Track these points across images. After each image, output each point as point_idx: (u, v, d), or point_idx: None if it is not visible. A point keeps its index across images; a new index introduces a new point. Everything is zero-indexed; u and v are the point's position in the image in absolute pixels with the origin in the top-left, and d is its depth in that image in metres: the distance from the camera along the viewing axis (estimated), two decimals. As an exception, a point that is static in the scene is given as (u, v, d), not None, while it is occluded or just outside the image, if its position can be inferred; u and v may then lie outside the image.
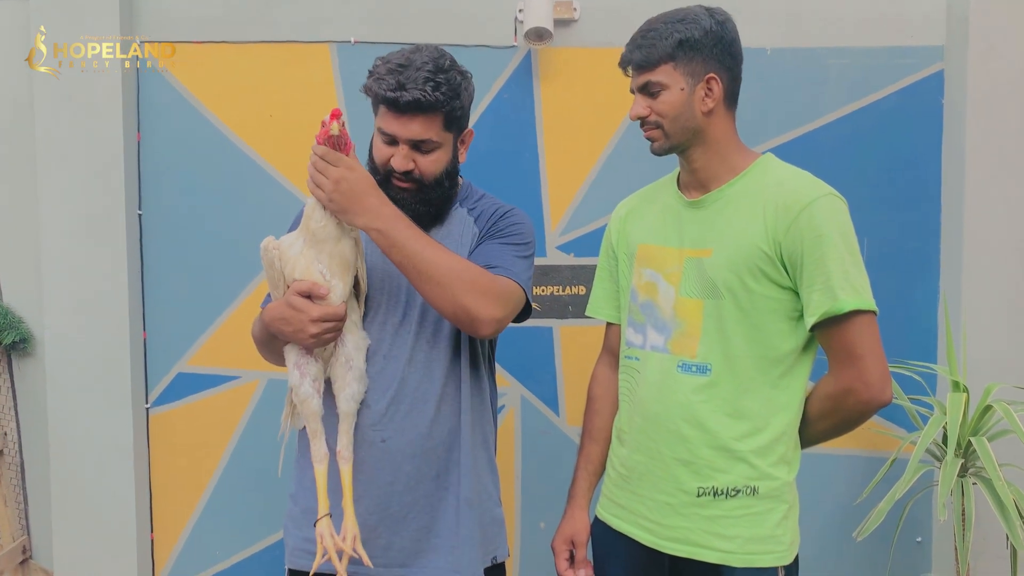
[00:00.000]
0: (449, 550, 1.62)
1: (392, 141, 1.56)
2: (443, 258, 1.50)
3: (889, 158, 2.65)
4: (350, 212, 1.47)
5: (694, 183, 1.61)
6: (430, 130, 1.55)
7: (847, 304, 1.43)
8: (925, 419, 2.38)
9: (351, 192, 1.46)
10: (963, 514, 2.27)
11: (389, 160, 1.57)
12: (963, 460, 2.31)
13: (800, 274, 1.47)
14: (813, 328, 1.48)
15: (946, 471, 2.19)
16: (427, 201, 1.60)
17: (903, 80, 2.64)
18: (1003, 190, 2.57)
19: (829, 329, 1.47)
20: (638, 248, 1.67)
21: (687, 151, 1.58)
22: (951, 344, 2.44)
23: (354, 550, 1.51)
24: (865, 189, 2.63)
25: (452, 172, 1.64)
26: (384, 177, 1.59)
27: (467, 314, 1.50)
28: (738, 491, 1.51)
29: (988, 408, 2.32)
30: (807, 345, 1.54)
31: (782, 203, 1.48)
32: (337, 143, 1.47)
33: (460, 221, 1.68)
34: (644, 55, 1.53)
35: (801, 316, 1.51)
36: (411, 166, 1.57)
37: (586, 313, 1.84)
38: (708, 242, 1.55)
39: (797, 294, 1.50)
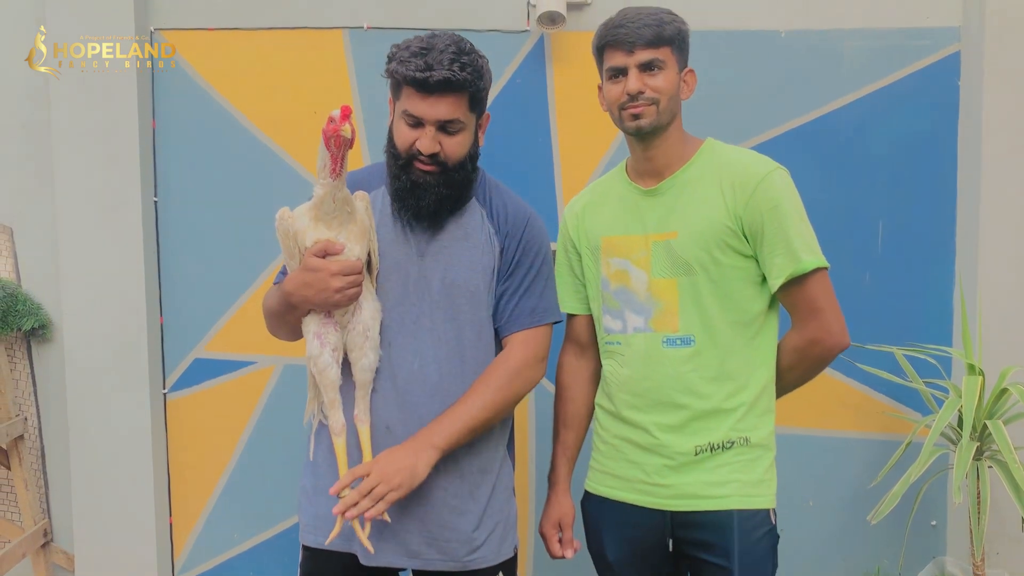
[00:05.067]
0: (450, 542, 1.63)
1: (417, 123, 1.55)
2: (490, 405, 1.60)
3: (905, 141, 2.63)
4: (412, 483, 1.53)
5: (649, 171, 1.72)
6: (457, 110, 1.55)
7: (809, 264, 1.58)
8: (940, 402, 2.38)
9: (410, 484, 1.52)
10: (978, 497, 2.27)
11: (413, 143, 1.56)
12: (978, 443, 2.30)
13: (761, 242, 1.62)
14: (778, 290, 1.62)
15: (961, 454, 2.19)
16: (450, 184, 1.59)
17: (919, 62, 2.62)
18: (1020, 172, 2.55)
19: (791, 288, 1.62)
20: (602, 240, 1.76)
21: (656, 136, 1.67)
22: (967, 327, 2.43)
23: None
24: (881, 172, 2.61)
25: (474, 155, 1.64)
26: (407, 161, 1.58)
27: (526, 393, 1.67)
28: (732, 443, 1.64)
29: (1004, 391, 2.31)
30: (771, 305, 1.69)
31: (738, 181, 1.62)
32: (346, 144, 1.44)
33: (474, 216, 1.67)
34: (655, 32, 1.61)
35: (763, 280, 1.66)
36: (437, 148, 1.56)
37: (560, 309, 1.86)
38: (672, 225, 1.66)
39: (757, 261, 1.64)
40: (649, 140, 1.68)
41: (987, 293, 2.55)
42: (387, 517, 1.54)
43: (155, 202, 2.68)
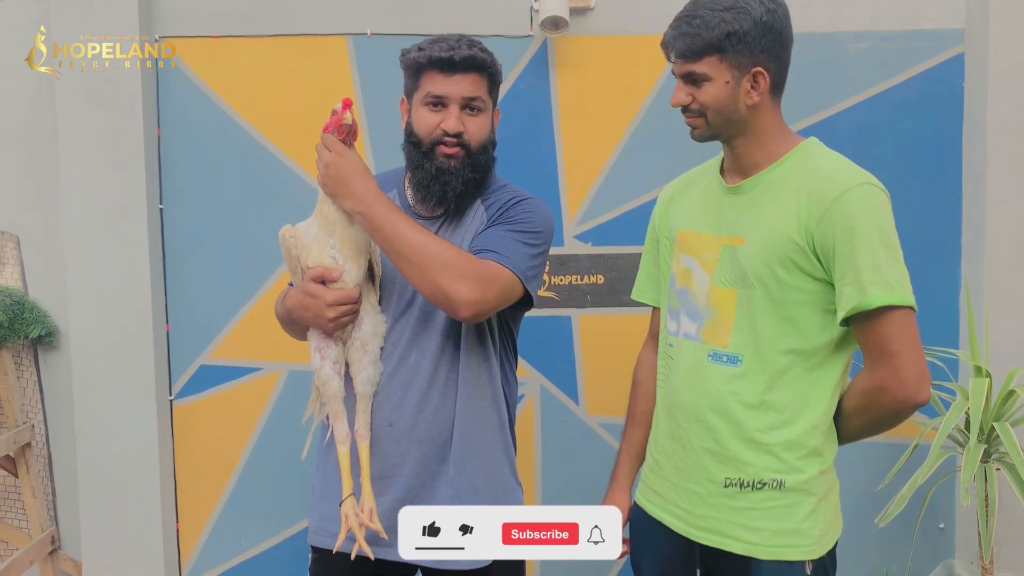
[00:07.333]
0: None
1: (438, 103, 1.60)
2: (421, 239, 1.51)
3: (909, 143, 2.62)
4: (338, 196, 1.52)
5: (735, 169, 1.56)
6: (480, 88, 1.62)
7: (877, 299, 1.37)
8: (947, 404, 2.37)
9: (338, 176, 1.52)
10: (986, 500, 2.26)
11: (437, 126, 1.60)
12: (986, 445, 2.29)
13: (833, 266, 1.42)
14: (845, 322, 1.43)
15: (969, 456, 2.18)
16: (475, 167, 1.62)
17: (923, 64, 2.62)
18: (1025, 173, 2.55)
19: (862, 324, 1.41)
20: (678, 234, 1.64)
21: (729, 140, 1.53)
22: (973, 329, 2.42)
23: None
24: (885, 175, 2.53)
25: (492, 143, 1.68)
26: (429, 147, 1.61)
27: (444, 295, 1.49)
28: (764, 484, 1.49)
29: (1011, 393, 2.31)
30: (844, 339, 1.48)
31: (816, 192, 1.42)
32: (349, 132, 1.52)
33: (474, 211, 1.69)
34: (688, 44, 1.44)
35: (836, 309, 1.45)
36: (462, 128, 1.60)
37: (631, 297, 1.81)
38: (742, 230, 1.51)
39: (833, 286, 1.44)
40: (726, 140, 1.54)
41: (993, 295, 2.55)
42: (384, 535, 1.55)
43: (160, 209, 2.69)
